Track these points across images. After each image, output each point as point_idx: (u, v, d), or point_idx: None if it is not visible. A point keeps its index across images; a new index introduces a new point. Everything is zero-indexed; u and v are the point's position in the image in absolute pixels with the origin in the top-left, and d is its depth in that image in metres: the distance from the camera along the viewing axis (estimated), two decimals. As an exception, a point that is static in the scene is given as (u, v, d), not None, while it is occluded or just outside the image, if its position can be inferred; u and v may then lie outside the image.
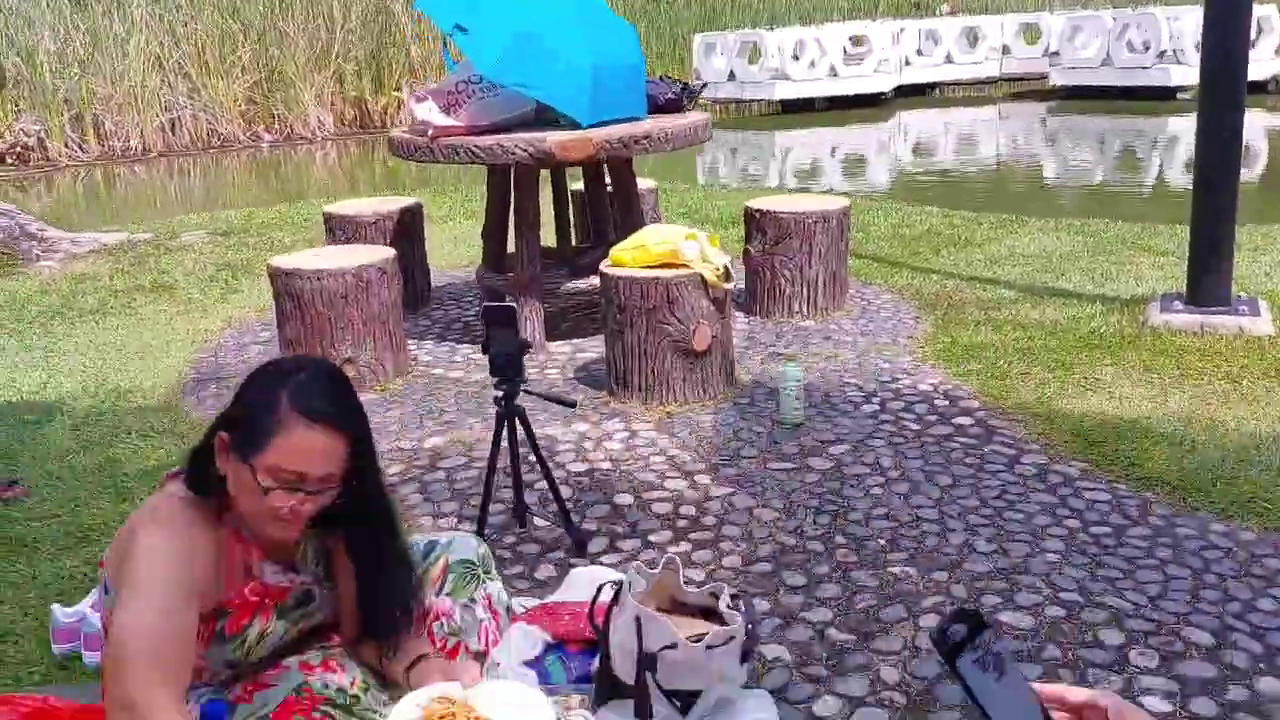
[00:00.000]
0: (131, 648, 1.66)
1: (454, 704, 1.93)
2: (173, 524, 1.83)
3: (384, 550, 2.09)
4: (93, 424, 4.15)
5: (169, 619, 1.73)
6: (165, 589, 1.75)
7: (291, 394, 1.84)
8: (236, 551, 1.95)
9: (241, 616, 1.96)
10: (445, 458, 3.81)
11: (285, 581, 2.03)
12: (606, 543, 3.12)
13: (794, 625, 2.62)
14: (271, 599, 2.01)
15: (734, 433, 3.87)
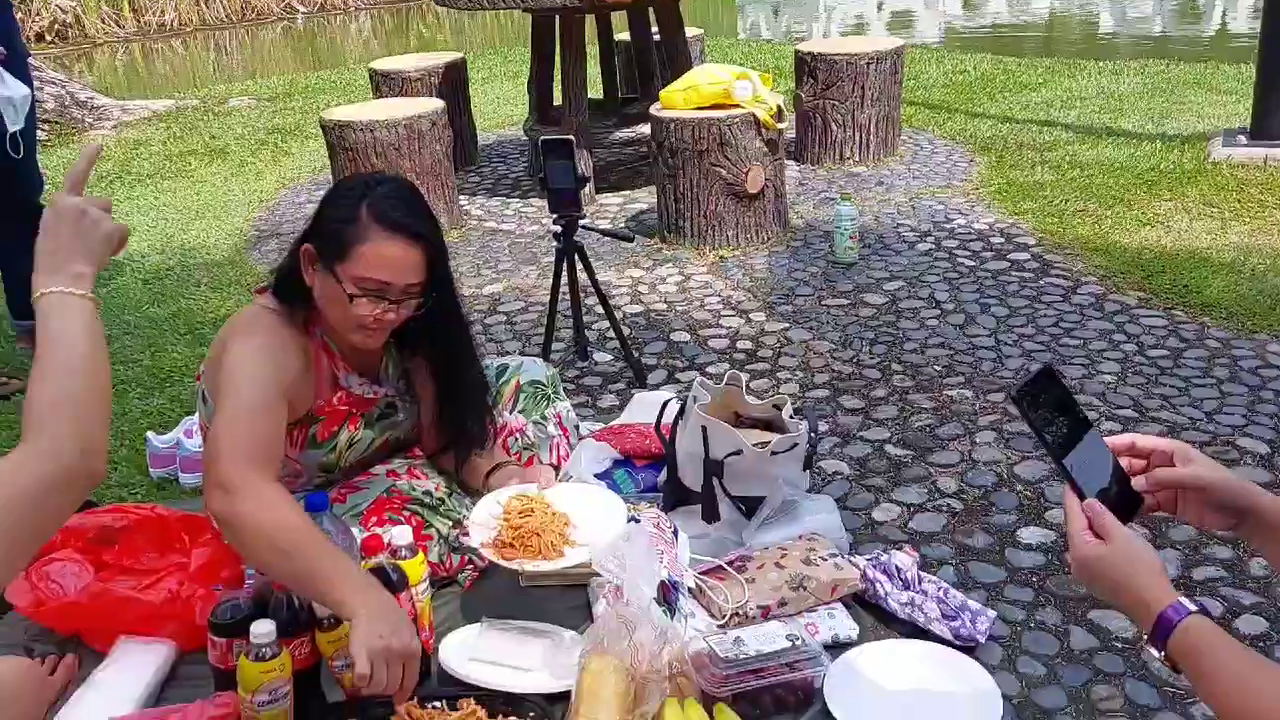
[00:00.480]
0: (226, 439, 1.78)
1: (532, 500, 2.04)
2: (262, 331, 1.94)
3: (460, 365, 2.19)
4: (163, 278, 4.28)
5: (260, 413, 1.84)
6: (255, 387, 1.85)
7: (372, 206, 1.91)
8: (324, 362, 2.05)
9: (331, 424, 2.08)
10: (503, 303, 3.89)
11: (370, 393, 2.14)
12: (665, 375, 3.20)
13: (852, 443, 2.71)
14: (358, 409, 2.12)
15: (788, 273, 3.90)
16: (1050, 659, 1.93)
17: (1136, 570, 1.18)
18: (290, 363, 1.95)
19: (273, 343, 1.93)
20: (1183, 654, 1.13)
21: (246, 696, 1.69)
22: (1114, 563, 1.18)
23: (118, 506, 2.28)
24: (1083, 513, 1.21)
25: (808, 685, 1.82)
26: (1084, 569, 1.20)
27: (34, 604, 2.01)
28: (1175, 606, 1.14)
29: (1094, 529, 1.20)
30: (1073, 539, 1.21)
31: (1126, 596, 1.18)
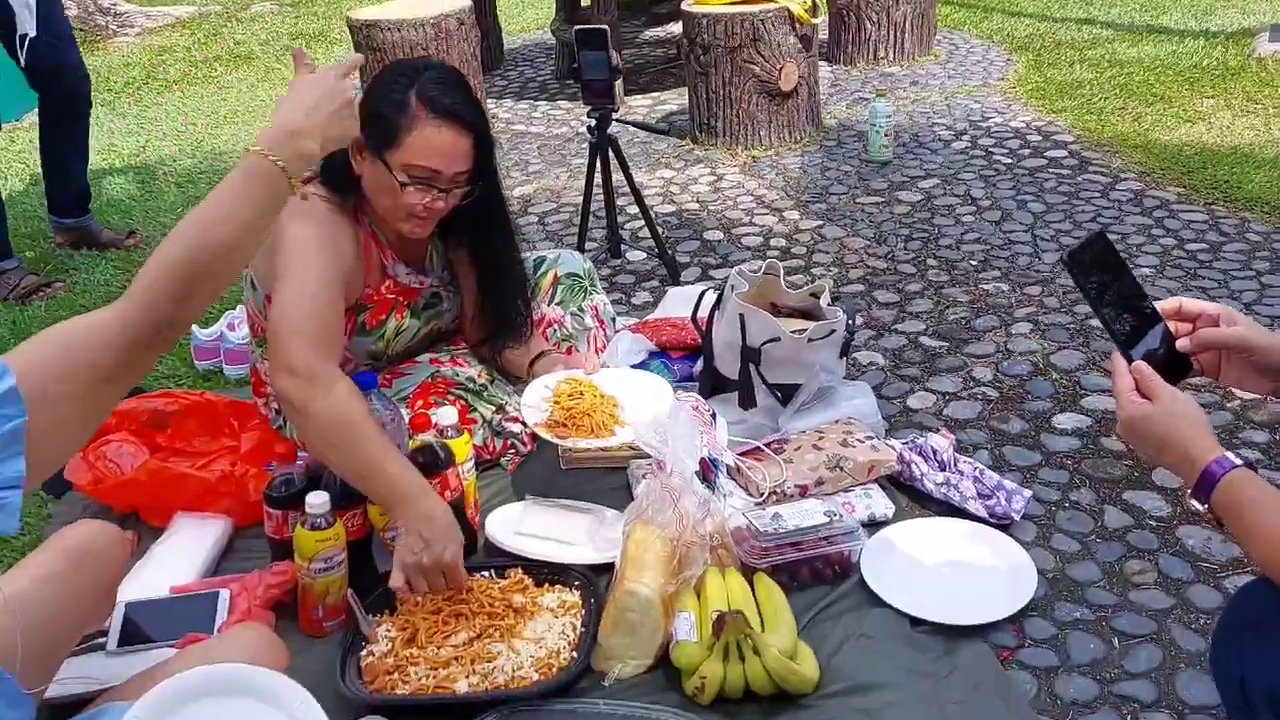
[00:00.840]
0: (292, 321, 1.81)
1: (581, 383, 2.08)
2: (317, 219, 1.94)
3: (503, 256, 2.20)
4: (195, 182, 4.29)
5: (324, 299, 1.87)
6: (317, 272, 1.88)
7: (421, 93, 1.90)
8: (373, 250, 2.07)
9: (379, 312, 2.11)
10: (535, 204, 3.88)
11: (416, 283, 2.17)
12: (699, 273, 3.20)
13: (887, 335, 2.71)
14: (405, 298, 2.14)
15: (821, 172, 3.86)
16: (1084, 536, 1.96)
17: (1181, 426, 1.19)
18: (345, 250, 1.98)
19: (328, 232, 1.95)
20: (1226, 507, 1.16)
21: (304, 564, 1.76)
22: (1160, 420, 1.19)
23: (168, 392, 2.33)
24: (1130, 374, 1.23)
25: (845, 559, 1.87)
26: (1130, 428, 1.22)
27: (93, 482, 2.08)
28: (1220, 460, 1.16)
29: (1141, 390, 1.22)
30: (1120, 399, 1.22)
31: (1172, 453, 1.20)
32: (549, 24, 5.95)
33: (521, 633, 1.69)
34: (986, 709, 1.57)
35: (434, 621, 1.72)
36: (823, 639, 1.70)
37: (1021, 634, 1.74)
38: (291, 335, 1.78)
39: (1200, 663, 1.65)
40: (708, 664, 1.56)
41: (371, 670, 1.65)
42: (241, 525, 2.08)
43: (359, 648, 1.71)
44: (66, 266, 3.53)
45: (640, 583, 1.61)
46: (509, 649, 1.66)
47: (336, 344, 1.89)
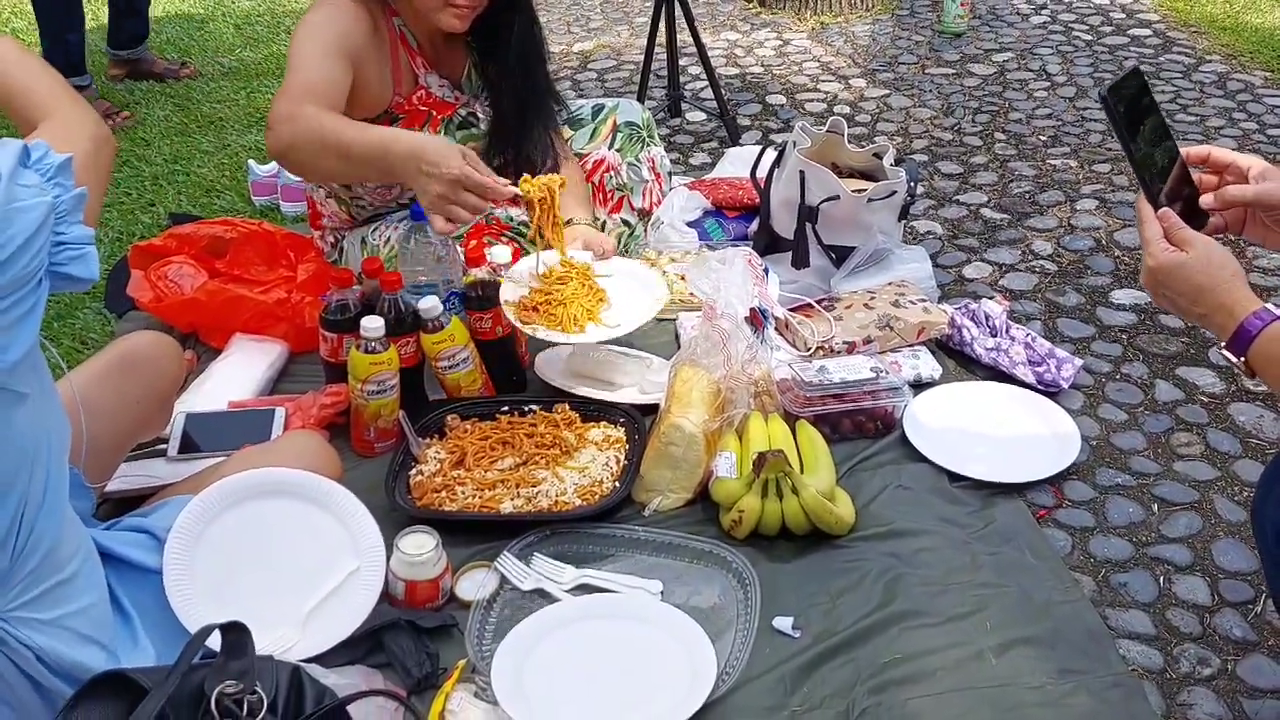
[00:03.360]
0: (289, 85, 1.85)
1: (575, 269, 1.94)
2: (341, 6, 1.95)
3: (535, 72, 2.16)
4: (253, 23, 4.25)
5: (317, 61, 1.88)
6: (315, 42, 1.90)
7: None
8: (401, 55, 2.07)
9: (412, 122, 2.10)
10: (594, 60, 3.80)
11: (451, 97, 2.16)
12: (759, 136, 3.14)
13: (948, 205, 2.66)
14: (439, 111, 2.13)
15: (891, 40, 3.73)
16: (1133, 408, 1.94)
17: (1218, 278, 1.15)
18: (355, 29, 1.96)
19: (338, 12, 1.95)
20: (1264, 359, 1.13)
21: (357, 385, 1.80)
22: (1194, 270, 1.15)
23: (227, 220, 2.36)
24: (1157, 221, 1.19)
25: (888, 415, 1.87)
26: (1161, 276, 1.18)
27: (154, 300, 2.13)
28: (1259, 313, 1.13)
29: (1170, 238, 1.18)
30: (1150, 246, 1.18)
31: (1205, 304, 1.16)
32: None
33: (567, 463, 1.73)
34: (1018, 561, 1.59)
35: (482, 447, 1.77)
36: (860, 487, 1.73)
37: (1060, 495, 1.75)
38: (284, 94, 1.83)
39: (1240, 532, 1.66)
40: (746, 499, 1.59)
41: (420, 488, 1.71)
42: (296, 351, 2.12)
43: (409, 467, 1.76)
44: (127, 101, 3.55)
45: (685, 418, 1.64)
46: (554, 476, 1.70)
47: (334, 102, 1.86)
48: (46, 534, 1.18)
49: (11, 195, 1.04)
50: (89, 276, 1.13)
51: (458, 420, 1.85)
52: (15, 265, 1.04)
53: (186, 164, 3.07)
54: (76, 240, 1.12)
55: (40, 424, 1.15)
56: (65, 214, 1.12)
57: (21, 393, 1.10)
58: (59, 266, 1.11)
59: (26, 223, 1.05)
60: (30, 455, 1.14)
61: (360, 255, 2.19)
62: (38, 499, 1.16)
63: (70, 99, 1.32)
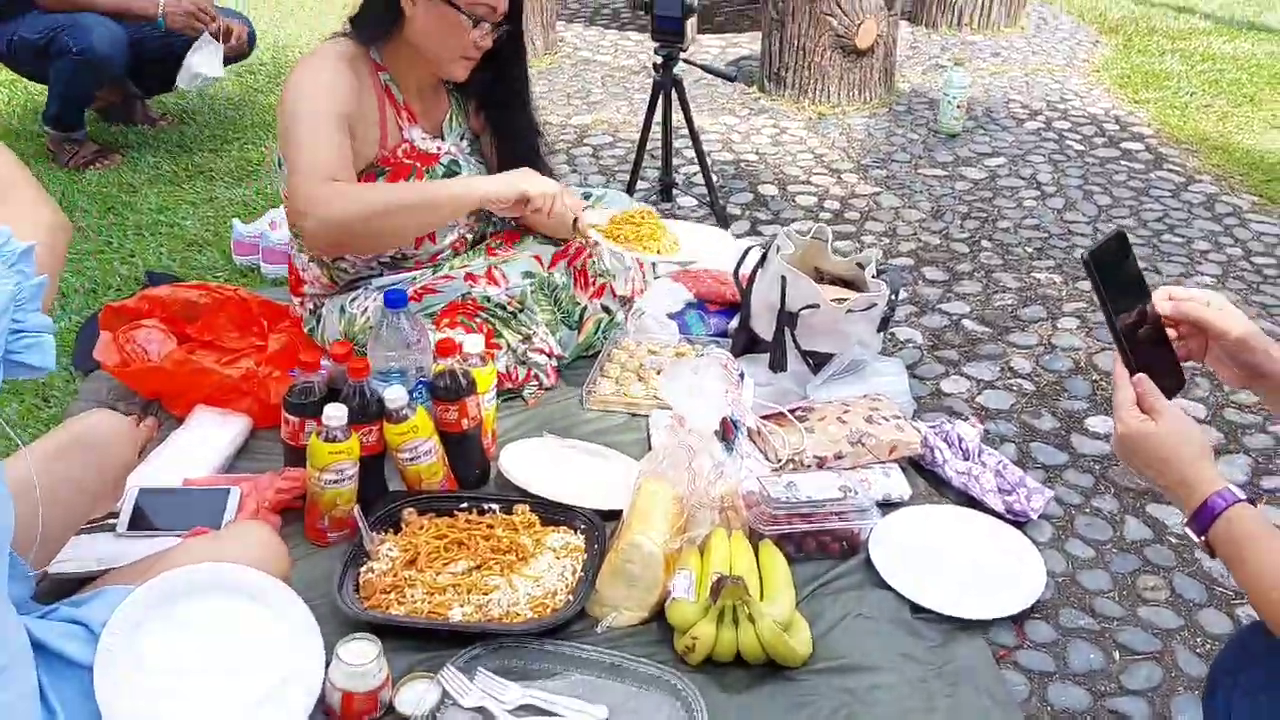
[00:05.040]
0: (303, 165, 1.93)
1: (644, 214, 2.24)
2: (323, 59, 2.02)
3: (518, 104, 2.26)
4: (255, 74, 4.27)
5: (329, 137, 1.96)
6: (319, 115, 1.96)
7: None
8: (388, 110, 2.10)
9: (396, 177, 2.12)
10: (591, 135, 3.82)
11: (434, 148, 2.17)
12: (748, 226, 3.15)
13: (929, 313, 2.66)
14: (423, 163, 2.15)
15: (887, 137, 3.76)
16: (1101, 544, 1.92)
17: (1183, 452, 1.15)
18: (346, 89, 2.01)
19: (329, 76, 2.00)
20: (1224, 541, 1.12)
21: (315, 473, 1.76)
22: (1161, 441, 1.15)
23: (203, 284, 2.34)
24: (1132, 386, 1.18)
25: (854, 536, 1.84)
26: (1128, 444, 1.17)
27: (120, 364, 2.09)
28: (1222, 493, 1.12)
29: (1142, 405, 1.17)
30: (1119, 412, 1.18)
31: (1170, 477, 1.16)
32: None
33: (522, 570, 1.69)
34: (974, 704, 1.55)
35: (436, 547, 1.73)
36: (820, 613, 1.69)
37: (1022, 635, 1.71)
38: (301, 179, 1.91)
39: (1200, 687, 1.62)
40: (701, 625, 1.55)
41: (369, 587, 1.67)
42: (259, 426, 2.09)
43: (360, 562, 1.72)
44: (120, 142, 3.54)
45: (645, 535, 1.60)
46: (507, 584, 1.66)
47: (339, 172, 1.95)
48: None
49: None
50: (45, 366, 1.11)
51: (414, 515, 1.81)
52: None
53: (172, 214, 3.06)
54: (34, 329, 1.11)
55: None
56: (24, 302, 1.10)
57: None
58: (15, 355, 1.10)
59: None
60: None
61: (338, 324, 2.18)
62: None
63: (28, 183, 1.31)
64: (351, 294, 2.20)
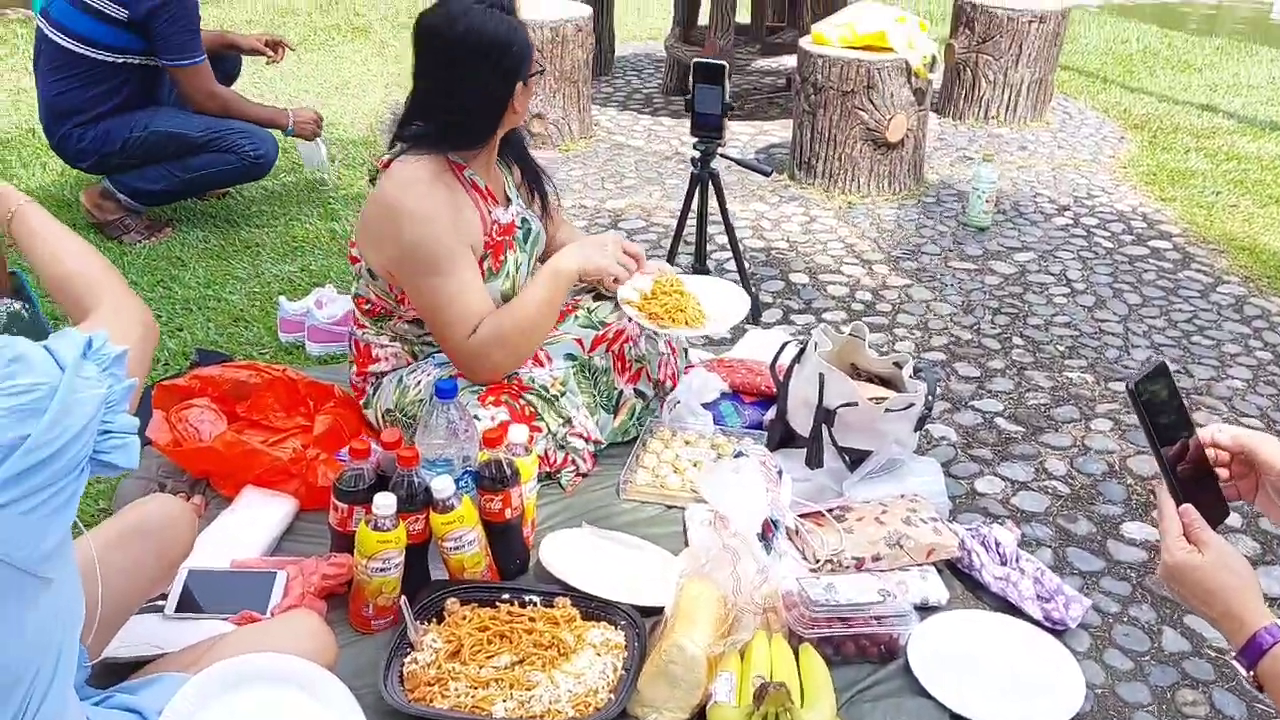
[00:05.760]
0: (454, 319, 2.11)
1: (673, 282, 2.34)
2: (424, 191, 2.08)
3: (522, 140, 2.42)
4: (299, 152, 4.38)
5: (469, 279, 2.12)
6: (453, 254, 2.09)
7: (509, 7, 2.09)
8: (479, 203, 2.20)
9: (497, 254, 2.23)
10: (625, 219, 3.90)
11: (509, 217, 2.27)
12: (780, 315, 3.20)
13: (963, 410, 2.68)
14: (508, 234, 2.26)
15: (916, 228, 3.83)
16: (1139, 656, 1.92)
17: (1229, 585, 1.17)
18: (454, 211, 2.12)
19: (444, 209, 2.09)
20: (1273, 676, 1.13)
21: (362, 561, 1.79)
22: (1209, 574, 1.17)
23: (253, 364, 2.39)
24: (1178, 516, 1.21)
25: (893, 641, 1.85)
26: (1175, 575, 1.20)
27: (172, 444, 2.14)
28: (1270, 629, 1.14)
29: (1189, 536, 1.20)
30: (1167, 543, 1.20)
31: (1217, 608, 1.18)
32: (663, 38, 5.98)
33: (563, 666, 1.70)
34: (1017, 822, 1.55)
35: (479, 640, 1.74)
36: (860, 720, 1.69)
37: (1062, 748, 1.71)
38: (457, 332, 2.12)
39: (1244, 811, 1.61)
40: (743, 731, 1.55)
41: (413, 678, 1.68)
42: (305, 508, 2.12)
43: (404, 652, 1.74)
44: (169, 216, 3.64)
45: (689, 638, 1.62)
46: (549, 680, 1.67)
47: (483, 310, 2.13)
48: (48, 718, 1.16)
49: (73, 387, 1.09)
50: (129, 465, 1.15)
51: (457, 605, 1.83)
52: (66, 454, 1.07)
53: (219, 289, 3.13)
54: (121, 430, 1.15)
55: (62, 608, 1.15)
56: (115, 404, 1.15)
57: (48, 579, 1.11)
58: (101, 454, 1.14)
59: (82, 414, 1.09)
60: (47, 641, 1.13)
61: (392, 394, 2.22)
62: (46, 684, 1.15)
63: (120, 288, 1.36)
64: (410, 366, 2.26)
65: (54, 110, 3.30)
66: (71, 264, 1.37)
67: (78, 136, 3.30)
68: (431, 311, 2.12)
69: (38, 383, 1.08)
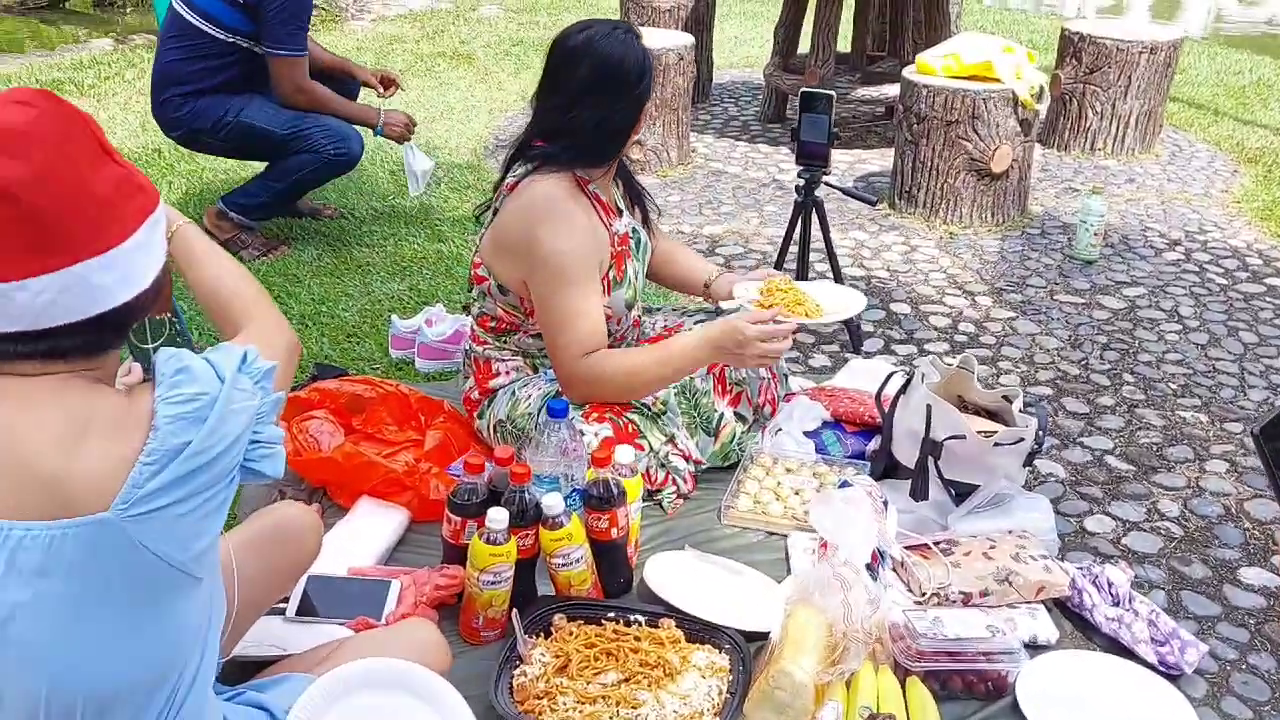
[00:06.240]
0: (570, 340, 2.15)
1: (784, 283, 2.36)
2: (575, 219, 2.15)
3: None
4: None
5: (594, 304, 2.16)
6: (593, 277, 2.16)
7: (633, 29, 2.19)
8: (604, 217, 2.26)
9: (619, 264, 2.28)
10: (722, 245, 3.93)
11: (624, 228, 2.32)
12: (881, 344, 3.18)
13: (1071, 447, 2.63)
14: (624, 244, 2.31)
15: (1020, 260, 3.78)
16: (1259, 705, 1.85)
17: None
18: (595, 230, 2.19)
19: (578, 226, 2.15)
20: None
21: (474, 573, 1.84)
22: None
23: (368, 379, 2.47)
24: None
25: (1000, 679, 1.82)
26: None
27: (293, 453, 2.22)
28: None
29: None
30: None
31: None
32: (760, 66, 6.02)
33: (668, 686, 1.72)
34: None
35: (587, 656, 1.77)
36: (968, 758, 1.67)
37: (1179, 798, 1.66)
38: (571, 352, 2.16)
39: None
40: (851, 761, 1.55)
41: (523, 691, 1.71)
42: (417, 519, 2.18)
43: (513, 664, 1.78)
44: (284, 236, 3.79)
45: (797, 665, 1.62)
46: (655, 699, 1.69)
47: (599, 338, 2.18)
48: (190, 712, 1.23)
49: (230, 398, 1.15)
50: (274, 474, 1.22)
51: (563, 621, 1.86)
52: (221, 461, 1.14)
53: (332, 306, 3.25)
54: (269, 440, 1.22)
55: (209, 607, 1.22)
56: (264, 415, 1.21)
57: (199, 578, 1.17)
58: (250, 463, 1.20)
59: (236, 424, 1.16)
60: (195, 638, 1.20)
61: (506, 407, 2.28)
62: (191, 678, 1.21)
63: (269, 306, 1.44)
64: (528, 378, 2.31)
65: (163, 76, 3.46)
66: (229, 283, 1.45)
67: (176, 105, 3.44)
68: (555, 325, 2.17)
69: (201, 392, 1.15)
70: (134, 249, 1.17)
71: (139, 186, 1.21)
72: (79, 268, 1.12)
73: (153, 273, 1.21)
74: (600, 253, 2.20)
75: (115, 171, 1.17)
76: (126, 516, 1.10)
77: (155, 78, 3.52)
